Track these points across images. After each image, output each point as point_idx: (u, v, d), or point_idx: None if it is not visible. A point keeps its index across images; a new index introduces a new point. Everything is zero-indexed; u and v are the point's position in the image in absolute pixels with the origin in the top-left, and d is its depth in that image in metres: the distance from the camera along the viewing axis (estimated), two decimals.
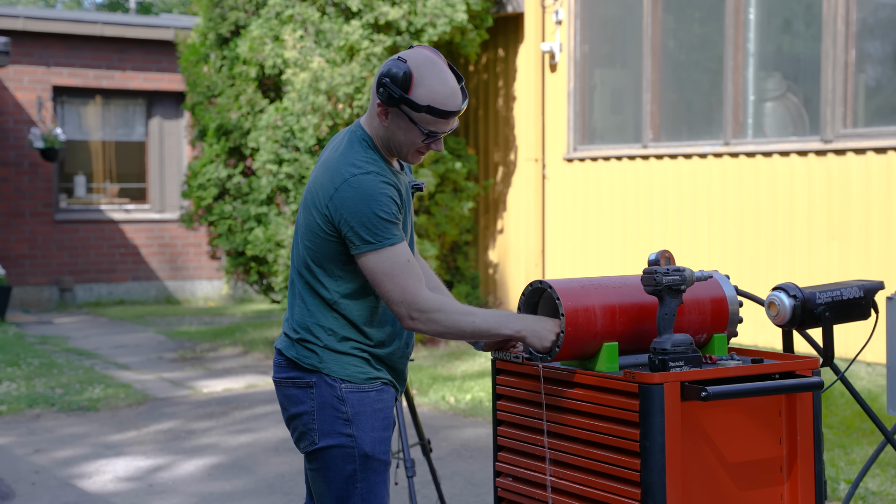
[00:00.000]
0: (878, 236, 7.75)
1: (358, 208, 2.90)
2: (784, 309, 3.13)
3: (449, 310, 2.94)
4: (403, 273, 2.91)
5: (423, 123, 2.95)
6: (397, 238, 2.92)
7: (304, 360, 3.03)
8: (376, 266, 2.91)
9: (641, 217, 9.39)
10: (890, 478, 5.62)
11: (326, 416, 3.00)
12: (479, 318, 2.95)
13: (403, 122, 2.96)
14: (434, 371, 8.80)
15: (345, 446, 3.00)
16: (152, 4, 30.84)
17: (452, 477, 6.02)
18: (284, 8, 9.44)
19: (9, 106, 13.94)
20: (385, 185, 2.93)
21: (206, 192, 10.15)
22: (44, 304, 14.10)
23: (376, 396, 3.03)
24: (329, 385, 3.00)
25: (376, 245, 2.90)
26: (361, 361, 3.02)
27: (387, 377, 3.07)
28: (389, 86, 2.91)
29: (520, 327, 2.93)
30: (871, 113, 8.36)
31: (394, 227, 2.92)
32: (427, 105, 2.92)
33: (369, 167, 2.95)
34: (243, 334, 11.15)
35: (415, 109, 2.92)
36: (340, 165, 2.97)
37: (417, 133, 2.97)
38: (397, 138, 3.00)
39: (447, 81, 2.95)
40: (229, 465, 6.42)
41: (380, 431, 3.03)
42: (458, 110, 2.98)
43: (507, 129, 10.66)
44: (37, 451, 6.79)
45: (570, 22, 10.04)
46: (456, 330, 2.94)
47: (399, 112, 2.95)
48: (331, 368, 3.00)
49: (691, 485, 2.80)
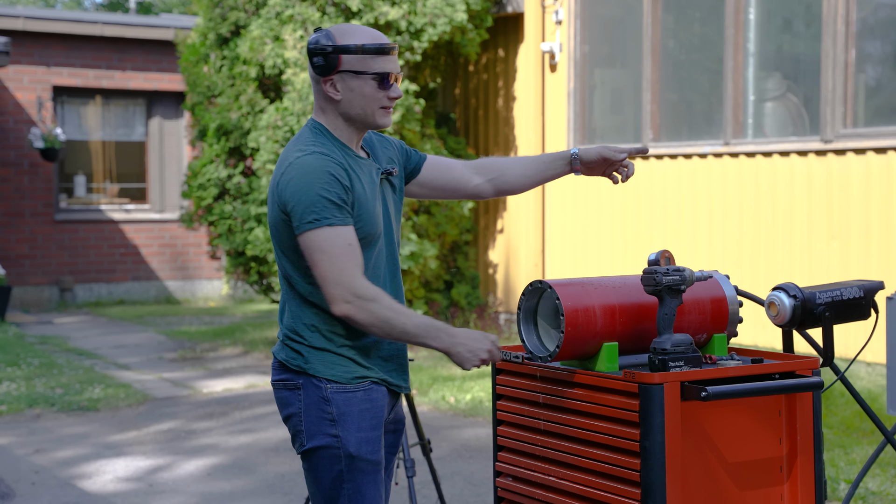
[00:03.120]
0: (878, 236, 7.75)
1: (299, 188, 2.89)
2: (784, 309, 3.14)
3: (385, 303, 2.89)
4: (343, 255, 2.87)
5: (368, 68, 2.96)
6: (339, 220, 2.89)
7: (291, 361, 3.03)
8: (314, 244, 2.88)
9: (641, 217, 9.39)
10: (890, 478, 5.62)
11: (313, 417, 3.00)
12: (413, 321, 2.90)
13: (351, 79, 2.97)
14: (434, 371, 8.81)
15: (331, 447, 2.99)
16: (152, 4, 30.84)
17: (452, 477, 6.02)
18: (284, 8, 9.44)
19: (9, 106, 13.94)
20: (330, 164, 2.91)
21: (206, 192, 10.15)
22: (44, 304, 14.10)
23: (363, 396, 3.01)
24: (315, 386, 2.99)
25: (314, 225, 2.87)
26: (347, 360, 3.00)
27: (377, 376, 3.03)
28: (319, 48, 2.96)
29: (449, 344, 2.90)
30: (871, 113, 8.36)
31: (336, 208, 2.89)
32: (359, 45, 2.95)
33: (313, 148, 2.95)
34: (243, 334, 11.15)
35: (352, 53, 2.94)
36: (287, 153, 2.99)
37: (370, 81, 2.97)
38: (356, 102, 2.99)
39: (366, 28, 3.01)
40: (229, 465, 6.42)
41: (367, 431, 3.00)
42: (390, 44, 2.98)
43: (507, 129, 10.66)
44: (37, 451, 6.79)
45: (570, 22, 10.04)
46: (386, 325, 2.89)
47: (343, 74, 2.97)
48: (316, 369, 3.00)
49: (691, 485, 2.80)
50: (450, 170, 3.30)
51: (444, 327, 2.93)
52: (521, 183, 3.31)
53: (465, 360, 2.90)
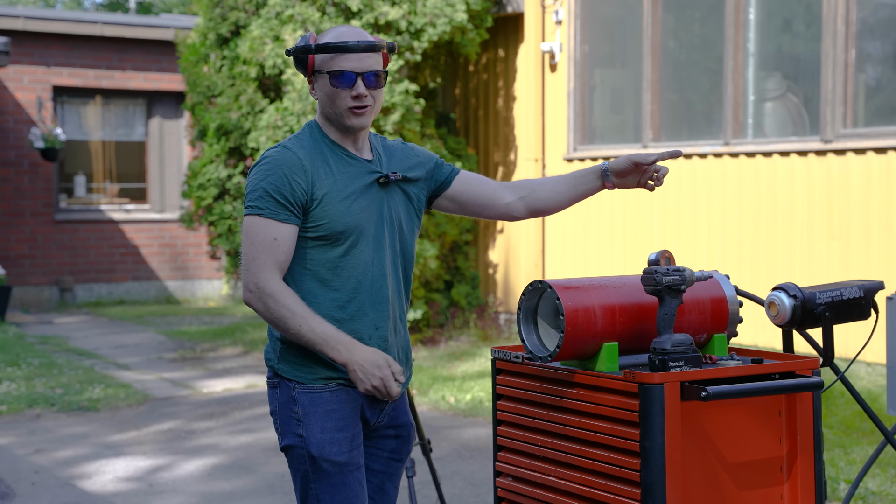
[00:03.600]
0: (878, 236, 7.75)
1: (252, 178, 3.00)
2: (784, 309, 3.13)
3: (283, 301, 2.90)
4: (262, 246, 2.93)
5: (327, 67, 2.99)
6: (273, 214, 2.93)
7: (268, 363, 3.09)
8: (244, 228, 2.98)
9: (641, 217, 9.39)
10: (890, 478, 5.62)
11: (284, 416, 3.05)
12: (310, 326, 2.90)
13: (320, 78, 3.02)
14: (434, 371, 8.80)
15: (297, 447, 3.02)
16: (152, 4, 30.84)
17: (452, 477, 6.02)
18: (284, 8, 9.44)
19: (9, 106, 13.94)
20: (287, 161, 2.96)
21: (206, 192, 10.15)
22: (44, 304, 14.10)
23: (330, 397, 3.01)
24: (286, 385, 3.04)
25: (249, 211, 2.97)
26: (312, 361, 3.00)
27: (344, 377, 3.00)
28: (294, 50, 3.03)
29: (346, 359, 2.91)
30: (871, 113, 8.36)
31: (275, 203, 2.93)
32: (321, 44, 2.99)
33: (285, 143, 3.03)
34: (243, 334, 11.15)
35: (316, 54, 2.99)
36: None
37: (328, 80, 3.00)
38: (324, 102, 3.04)
39: (344, 27, 3.04)
40: (229, 465, 6.42)
41: (332, 433, 3.00)
42: (354, 42, 2.97)
43: (507, 129, 10.66)
44: (37, 451, 6.79)
45: (570, 22, 10.04)
46: (280, 323, 2.91)
47: (316, 75, 3.03)
48: (283, 370, 3.04)
49: (691, 485, 2.80)
50: (481, 185, 3.25)
51: (347, 341, 2.92)
52: (553, 200, 3.24)
53: (358, 381, 2.93)
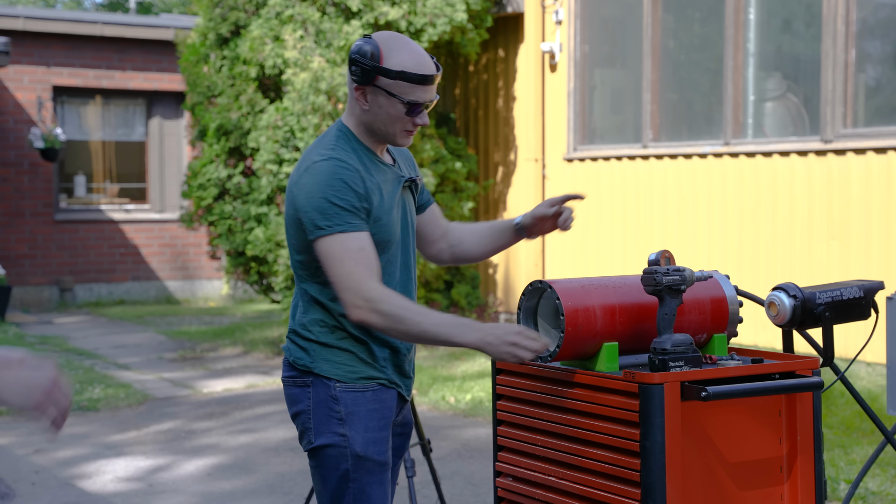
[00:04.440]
0: (878, 236, 7.75)
1: (312, 194, 2.91)
2: (784, 309, 3.13)
3: (396, 303, 2.86)
4: (353, 259, 2.87)
5: (400, 93, 2.94)
6: (352, 226, 2.89)
7: (298, 361, 3.03)
8: (326, 250, 2.89)
9: (641, 217, 9.39)
10: (890, 478, 5.62)
11: (321, 414, 3.00)
12: (431, 319, 2.85)
13: (382, 97, 2.96)
14: (434, 371, 8.81)
15: (338, 446, 2.98)
16: (152, 4, 30.84)
17: (452, 477, 6.02)
18: (284, 8, 9.44)
19: (9, 106, 13.94)
20: (344, 171, 2.91)
21: (206, 192, 10.15)
22: (44, 304, 14.10)
23: (372, 396, 3.01)
24: (324, 384, 2.99)
25: (326, 231, 2.89)
26: (353, 359, 3.00)
27: (385, 377, 3.03)
28: (361, 60, 2.93)
29: (477, 338, 2.82)
30: (871, 113, 8.36)
31: (349, 214, 2.89)
32: (400, 71, 2.92)
33: (330, 153, 2.95)
34: (243, 334, 11.15)
35: (389, 77, 2.93)
36: (306, 155, 3.01)
37: (398, 106, 2.96)
38: (381, 118, 2.99)
39: (416, 50, 2.98)
40: (230, 465, 6.42)
41: (374, 432, 3.00)
42: (432, 75, 2.96)
43: (507, 129, 10.66)
44: (37, 451, 6.79)
45: (570, 22, 10.04)
46: (402, 326, 2.85)
47: (376, 89, 2.96)
48: (322, 368, 2.99)
49: (691, 485, 2.80)
50: (435, 223, 3.33)
51: (469, 322, 2.87)
52: (476, 253, 3.35)
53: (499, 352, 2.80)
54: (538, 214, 3.23)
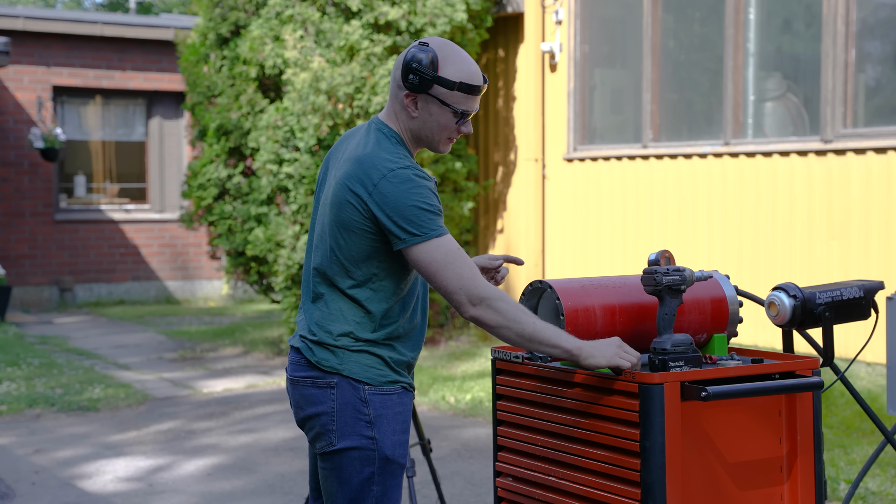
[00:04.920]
0: (878, 236, 7.75)
1: (401, 202, 2.88)
2: (784, 309, 3.13)
3: (510, 301, 2.86)
4: (457, 261, 2.87)
5: (454, 103, 2.96)
6: (444, 230, 2.91)
7: (323, 363, 2.99)
8: (428, 256, 2.87)
9: (641, 217, 9.39)
10: (890, 478, 5.62)
11: (347, 417, 2.97)
12: (539, 321, 2.85)
13: (435, 106, 2.97)
14: (434, 371, 8.80)
15: (365, 448, 2.96)
16: (152, 4, 30.84)
17: (452, 477, 6.02)
18: (284, 8, 9.44)
19: (9, 106, 13.94)
20: (422, 179, 2.93)
21: (206, 192, 10.15)
22: (44, 304, 14.10)
23: (398, 399, 3.01)
24: (352, 387, 2.97)
25: (423, 237, 2.88)
26: (381, 363, 2.99)
27: (407, 381, 3.05)
28: (420, 69, 2.92)
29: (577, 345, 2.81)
30: (871, 113, 8.36)
31: (438, 218, 2.90)
32: (459, 82, 2.94)
33: (405, 161, 2.95)
34: (243, 334, 11.15)
35: (448, 88, 2.94)
36: (376, 160, 2.94)
37: (450, 115, 2.97)
38: (429, 126, 3.00)
39: (469, 59, 3.01)
40: (230, 465, 6.42)
41: (400, 434, 3.01)
42: (485, 84, 3.01)
43: (507, 129, 10.66)
44: (37, 451, 6.79)
45: (570, 22, 10.04)
46: (516, 326, 2.83)
47: (428, 98, 2.96)
48: (351, 370, 2.97)
49: (691, 485, 2.80)
50: None
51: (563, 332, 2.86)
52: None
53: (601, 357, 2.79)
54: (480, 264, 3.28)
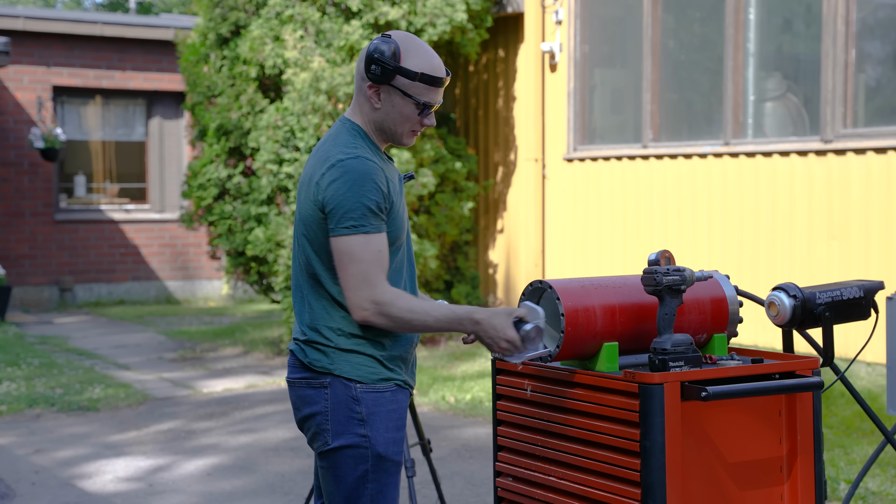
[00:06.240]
0: (878, 236, 7.76)
1: (341, 192, 2.92)
2: (784, 309, 3.14)
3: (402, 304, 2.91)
4: (370, 262, 2.90)
5: (417, 94, 2.98)
6: (374, 228, 2.91)
7: (315, 363, 3.01)
8: (345, 248, 2.91)
9: (641, 217, 9.39)
10: (890, 478, 5.62)
11: (340, 416, 2.99)
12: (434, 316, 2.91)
13: (397, 97, 3.00)
14: (434, 371, 8.81)
15: (358, 446, 2.98)
16: (152, 4, 30.84)
17: (452, 477, 6.02)
18: (284, 8, 9.44)
19: (9, 106, 13.94)
20: (373, 170, 2.94)
21: (206, 192, 10.15)
22: (44, 304, 14.10)
23: (391, 397, 3.02)
24: (344, 385, 2.99)
25: (350, 231, 2.91)
26: (373, 361, 3.00)
27: (401, 378, 3.05)
28: (382, 60, 2.96)
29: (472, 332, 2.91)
30: (871, 113, 8.36)
31: (373, 216, 2.91)
32: (421, 72, 2.97)
33: (356, 152, 2.97)
34: (243, 334, 11.15)
35: (409, 78, 2.97)
36: (329, 152, 3.00)
37: (413, 106, 3.00)
38: (392, 117, 3.02)
39: (430, 51, 3.03)
40: (230, 465, 6.42)
41: (393, 432, 3.02)
42: (447, 77, 3.03)
43: (507, 129, 10.66)
44: (37, 451, 6.79)
45: (570, 22, 10.04)
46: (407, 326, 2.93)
47: (391, 89, 2.99)
48: (342, 369, 2.99)
49: (691, 485, 2.80)
50: None
51: (467, 315, 2.92)
52: None
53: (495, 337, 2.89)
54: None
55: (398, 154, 9.10)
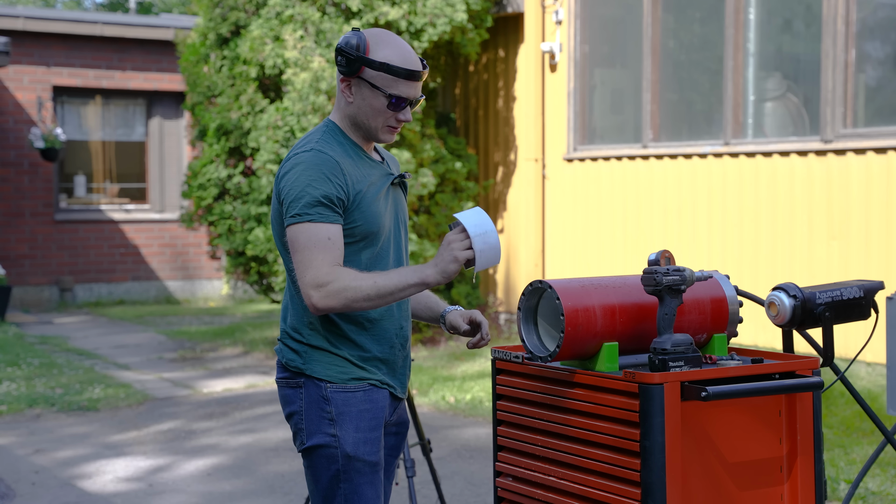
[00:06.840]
0: (878, 236, 7.76)
1: (292, 182, 2.93)
2: (784, 309, 3.13)
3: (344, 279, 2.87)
4: (316, 248, 2.89)
5: (384, 86, 2.97)
6: (322, 217, 2.90)
7: (290, 364, 3.05)
8: (294, 238, 2.91)
9: (641, 217, 9.39)
10: (890, 478, 5.62)
11: (313, 415, 3.02)
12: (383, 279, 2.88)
13: (366, 89, 2.99)
14: (434, 371, 8.81)
15: (329, 446, 3.00)
16: (152, 4, 30.84)
17: (452, 477, 6.02)
18: (285, 8, 9.44)
19: (9, 106, 13.94)
20: (324, 162, 2.94)
21: (206, 192, 10.15)
22: (44, 304, 14.10)
23: (363, 397, 3.02)
24: (315, 385, 3.01)
25: (298, 219, 2.91)
26: (344, 361, 3.01)
27: (376, 378, 3.05)
28: (346, 49, 2.96)
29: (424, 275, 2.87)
30: (871, 113, 8.36)
31: (322, 206, 2.91)
32: (383, 62, 2.95)
33: (313, 146, 2.98)
34: (243, 334, 11.15)
35: (373, 68, 2.95)
36: (292, 149, 3.04)
37: (382, 99, 2.98)
38: (364, 111, 3.01)
39: (402, 45, 3.01)
40: (229, 465, 6.42)
41: (365, 432, 3.02)
42: (417, 71, 2.99)
43: (507, 129, 10.66)
44: (37, 451, 6.79)
45: (570, 22, 10.04)
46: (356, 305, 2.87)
47: (360, 81, 2.99)
48: (313, 370, 3.01)
49: (691, 485, 2.80)
50: None
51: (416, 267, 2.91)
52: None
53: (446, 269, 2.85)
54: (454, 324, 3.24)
55: (398, 154, 9.10)
